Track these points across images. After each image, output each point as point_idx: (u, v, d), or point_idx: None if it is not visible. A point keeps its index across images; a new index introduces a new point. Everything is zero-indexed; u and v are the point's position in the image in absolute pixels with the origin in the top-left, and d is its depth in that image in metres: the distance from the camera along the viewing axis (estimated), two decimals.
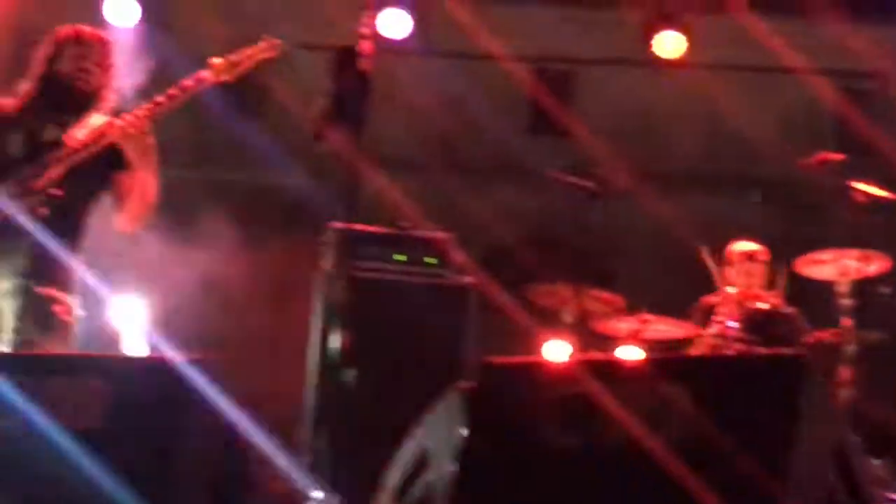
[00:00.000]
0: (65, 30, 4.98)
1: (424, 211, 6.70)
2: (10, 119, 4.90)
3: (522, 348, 6.98)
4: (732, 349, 6.39)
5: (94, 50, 4.95)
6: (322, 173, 7.49)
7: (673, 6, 8.16)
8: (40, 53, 4.97)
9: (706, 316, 6.79)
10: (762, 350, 6.31)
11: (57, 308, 4.75)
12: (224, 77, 4.76)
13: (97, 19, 7.87)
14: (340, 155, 5.17)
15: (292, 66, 7.18)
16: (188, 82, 4.73)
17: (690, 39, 8.14)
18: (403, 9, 8.01)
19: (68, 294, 4.83)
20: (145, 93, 4.99)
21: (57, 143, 4.81)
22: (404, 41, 8.15)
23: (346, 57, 4.54)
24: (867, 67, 8.50)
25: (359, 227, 6.09)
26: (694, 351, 6.70)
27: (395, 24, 7.93)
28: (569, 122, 8.45)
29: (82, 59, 4.91)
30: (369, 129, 5.33)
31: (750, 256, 6.96)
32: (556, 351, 6.76)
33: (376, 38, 4.77)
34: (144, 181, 4.83)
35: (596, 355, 6.39)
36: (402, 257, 6.41)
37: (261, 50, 4.83)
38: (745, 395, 3.85)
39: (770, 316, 6.57)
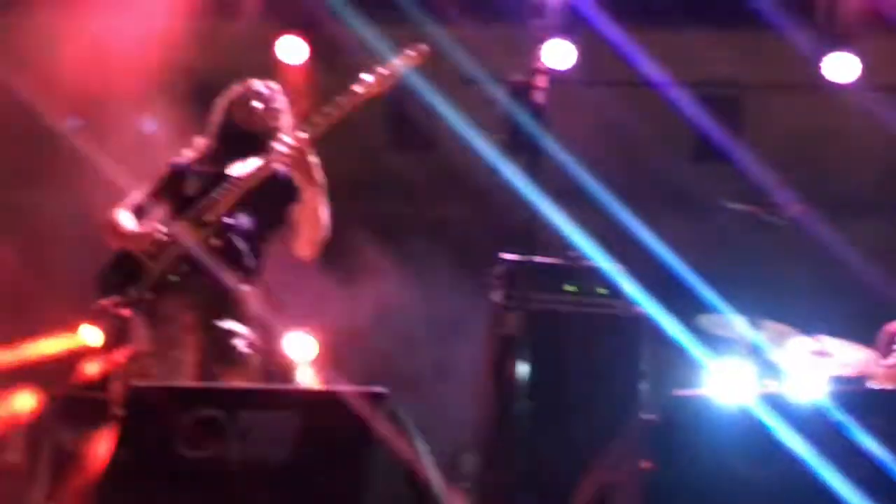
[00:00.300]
0: (239, 87, 5.23)
1: (594, 241, 6.68)
2: (189, 168, 5.12)
3: (694, 379, 6.88)
4: None
5: (265, 97, 5.12)
6: (491, 205, 7.56)
7: (844, 27, 7.98)
8: (217, 108, 5.21)
9: (889, 344, 6.60)
10: None
11: (236, 341, 4.87)
12: (375, 90, 4.89)
13: (269, 58, 8.11)
14: (512, 187, 5.19)
15: (463, 100, 7.26)
16: (342, 99, 4.84)
17: (864, 61, 7.95)
18: (568, 39, 8.01)
19: (246, 327, 4.95)
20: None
21: (227, 179, 4.96)
22: (568, 71, 8.16)
23: (520, 90, 4.55)
24: None
25: (530, 258, 6.10)
26: (873, 381, 6.52)
27: (559, 55, 7.93)
28: (735, 148, 8.33)
29: (255, 108, 5.13)
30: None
31: None
32: (728, 382, 6.64)
33: (547, 70, 4.74)
34: (314, 205, 4.94)
35: (775, 388, 6.28)
36: (574, 288, 6.41)
37: (407, 58, 4.94)
38: None
39: None
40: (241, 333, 4.93)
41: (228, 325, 4.90)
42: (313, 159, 4.91)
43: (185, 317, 4.89)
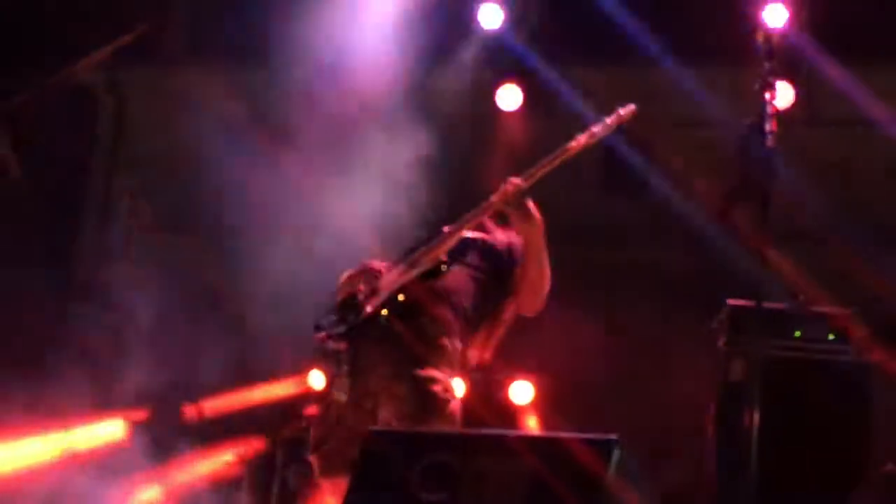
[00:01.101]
0: None
1: (823, 285, 6.51)
2: None
3: None
4: None
5: None
6: (709, 250, 7.45)
7: None
8: None
9: None
10: None
11: (436, 388, 4.85)
12: (585, 145, 4.90)
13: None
14: (741, 231, 5.10)
15: (691, 144, 7.21)
16: (554, 154, 4.87)
17: None
18: (787, 80, 7.89)
19: (449, 372, 4.93)
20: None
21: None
22: (788, 111, 8.02)
23: (753, 134, 4.47)
24: None
25: (756, 303, 5.97)
26: None
27: (779, 95, 7.80)
28: None
29: None
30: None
31: None
32: None
33: (777, 113, 4.66)
34: (536, 253, 4.95)
35: None
36: (800, 334, 6.25)
37: (617, 118, 4.97)
38: None
39: None
40: (440, 379, 4.87)
41: (428, 372, 4.86)
42: (530, 205, 4.89)
43: (384, 367, 4.88)
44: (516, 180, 4.83)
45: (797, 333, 6.19)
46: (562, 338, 8.26)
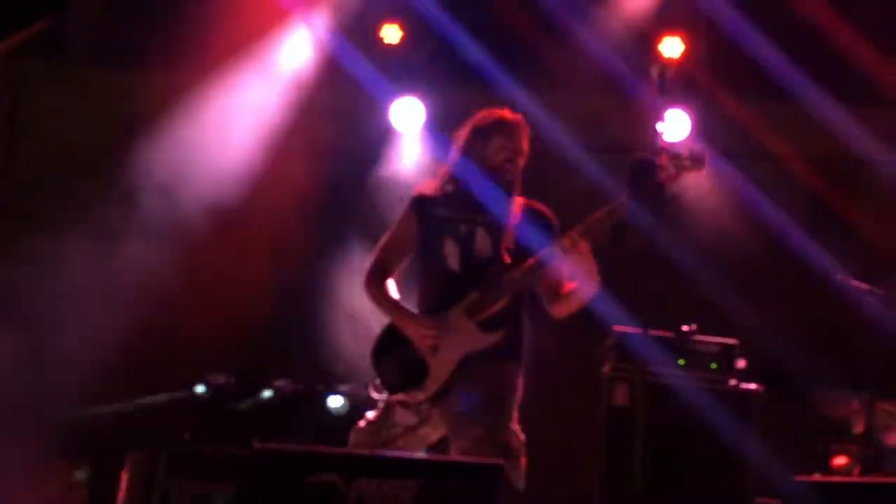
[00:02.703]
0: (497, 120, 4.87)
1: (706, 315, 6.64)
2: (438, 213, 4.83)
3: (806, 460, 6.77)
4: None
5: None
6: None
7: None
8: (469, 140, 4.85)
9: None
10: None
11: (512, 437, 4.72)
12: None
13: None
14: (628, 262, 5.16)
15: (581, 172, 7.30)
16: (612, 208, 4.63)
17: None
18: (683, 110, 8.04)
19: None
20: None
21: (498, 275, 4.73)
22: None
23: (643, 168, 4.53)
24: None
25: (642, 331, 6.07)
26: None
27: (673, 127, 7.95)
28: (854, 221, 8.23)
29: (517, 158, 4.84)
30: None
31: None
32: (844, 465, 6.53)
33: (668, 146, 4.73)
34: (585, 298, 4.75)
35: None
36: (684, 362, 6.37)
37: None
38: None
39: None
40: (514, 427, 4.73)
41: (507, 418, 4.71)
42: (586, 251, 4.65)
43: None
44: (582, 240, 4.60)
45: (681, 361, 6.32)
46: None
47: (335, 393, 7.86)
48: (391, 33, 8.20)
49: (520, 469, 4.60)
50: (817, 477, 4.34)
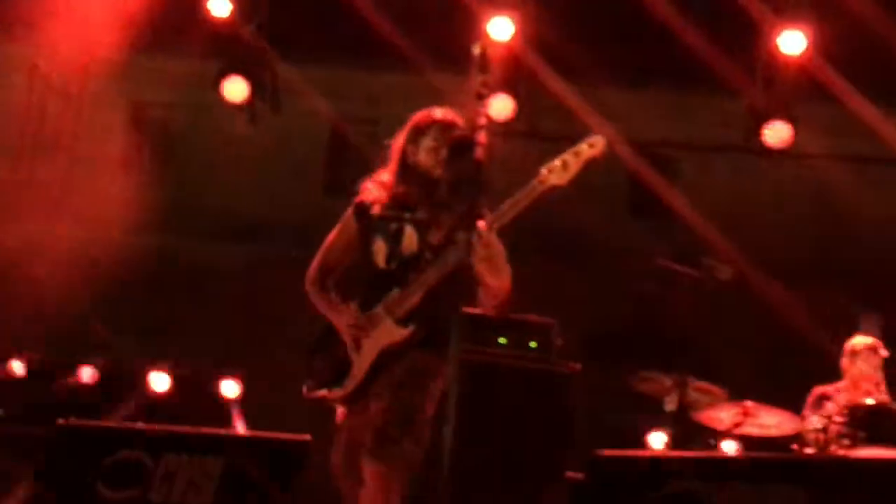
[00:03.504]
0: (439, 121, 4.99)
1: (527, 295, 6.70)
2: (375, 218, 4.89)
3: (623, 437, 6.91)
4: (838, 444, 6.29)
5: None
6: None
7: (780, 95, 8.13)
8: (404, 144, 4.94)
9: (818, 405, 6.70)
10: (866, 446, 6.20)
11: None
12: (556, 181, 4.68)
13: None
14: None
15: None
16: (525, 191, 4.67)
17: (799, 128, 8.10)
18: (508, 93, 8.12)
19: None
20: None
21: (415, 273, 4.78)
22: (507, 124, 8.25)
23: (462, 145, 4.54)
24: None
25: (464, 310, 6.10)
26: (797, 445, 6.60)
27: (499, 108, 8.03)
28: (672, 207, 8.43)
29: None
30: None
31: (871, 349, 6.88)
32: (658, 441, 6.70)
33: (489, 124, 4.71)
34: (499, 294, 4.87)
35: (705, 451, 6.32)
36: (505, 341, 6.41)
37: (588, 147, 4.69)
38: (862, 499, 3.78)
39: (877, 412, 6.45)
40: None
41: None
42: (498, 248, 4.71)
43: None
44: (487, 232, 4.57)
45: (502, 340, 6.35)
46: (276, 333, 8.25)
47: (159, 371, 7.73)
48: (219, 6, 8.04)
49: (412, 448, 4.61)
50: (617, 452, 4.43)
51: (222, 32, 8.04)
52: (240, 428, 7.26)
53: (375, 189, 4.96)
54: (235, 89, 8.10)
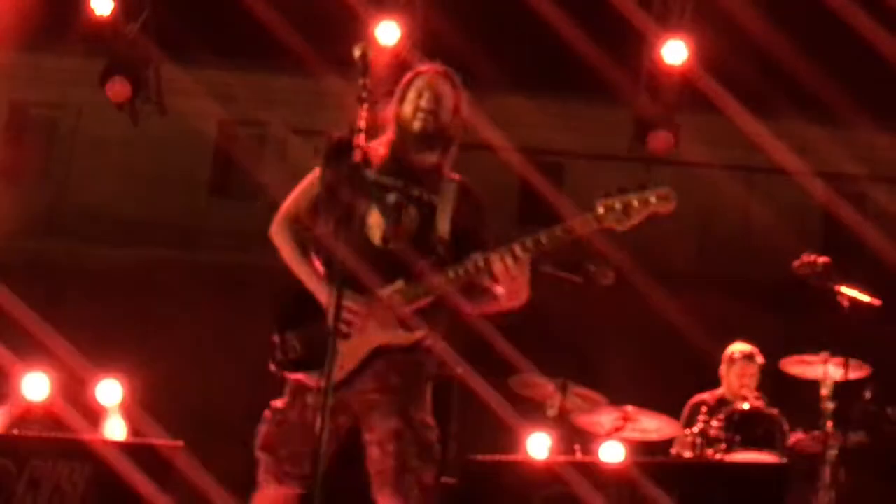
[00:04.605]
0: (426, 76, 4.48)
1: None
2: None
3: (503, 441, 6.94)
4: (714, 449, 6.39)
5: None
6: None
7: (664, 106, 8.26)
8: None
9: (695, 412, 6.79)
10: (742, 450, 6.32)
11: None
12: (614, 226, 4.17)
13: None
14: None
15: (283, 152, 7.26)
16: (573, 224, 4.20)
17: (681, 138, 8.23)
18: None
19: None
20: None
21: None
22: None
23: (340, 148, 4.44)
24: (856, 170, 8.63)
25: None
26: (675, 449, 6.69)
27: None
28: (558, 213, 8.48)
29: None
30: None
31: (747, 355, 7.00)
32: (539, 445, 6.73)
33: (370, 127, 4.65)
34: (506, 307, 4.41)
35: (580, 456, 6.36)
36: None
37: (657, 201, 4.12)
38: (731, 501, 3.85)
39: (752, 416, 6.57)
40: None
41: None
42: (526, 278, 4.28)
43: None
44: (521, 258, 4.17)
45: None
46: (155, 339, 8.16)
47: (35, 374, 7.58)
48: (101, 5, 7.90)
49: (433, 465, 4.18)
50: (490, 457, 4.43)
51: (104, 31, 7.90)
52: (117, 432, 7.14)
53: (367, 144, 4.20)
54: (118, 90, 7.97)
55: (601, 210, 4.13)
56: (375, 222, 4.25)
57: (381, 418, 4.11)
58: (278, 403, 4.25)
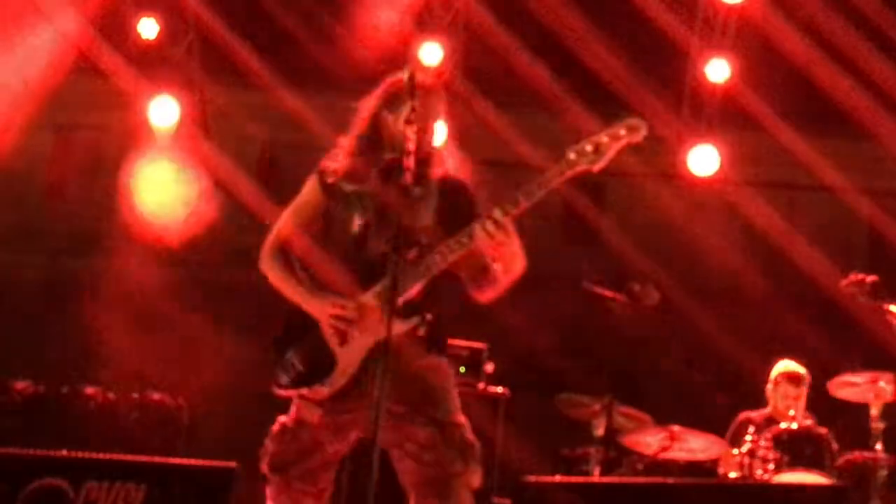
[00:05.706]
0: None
1: (458, 319, 6.70)
2: (342, 191, 4.31)
3: (551, 460, 6.93)
4: (762, 468, 6.34)
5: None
6: None
7: (707, 123, 8.25)
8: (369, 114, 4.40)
9: (741, 431, 6.76)
10: (790, 470, 6.27)
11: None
12: (587, 166, 4.11)
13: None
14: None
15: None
16: (547, 175, 4.10)
17: (724, 155, 8.21)
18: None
19: None
20: None
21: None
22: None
23: (390, 169, 4.43)
24: None
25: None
26: (723, 469, 6.65)
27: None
28: (602, 232, 8.50)
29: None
30: None
31: (793, 377, 6.95)
32: (584, 466, 6.71)
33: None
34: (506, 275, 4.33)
35: (632, 478, 6.35)
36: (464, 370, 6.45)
37: (627, 132, 4.08)
38: None
39: (800, 436, 6.52)
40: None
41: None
42: (517, 244, 4.20)
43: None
44: (504, 219, 4.08)
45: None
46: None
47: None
48: (148, 27, 7.99)
49: (477, 468, 4.11)
50: (547, 478, 4.42)
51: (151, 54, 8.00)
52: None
53: (341, 160, 4.33)
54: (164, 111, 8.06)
55: (572, 156, 4.08)
56: (360, 229, 4.23)
57: (409, 429, 4.06)
58: (285, 420, 4.21)
